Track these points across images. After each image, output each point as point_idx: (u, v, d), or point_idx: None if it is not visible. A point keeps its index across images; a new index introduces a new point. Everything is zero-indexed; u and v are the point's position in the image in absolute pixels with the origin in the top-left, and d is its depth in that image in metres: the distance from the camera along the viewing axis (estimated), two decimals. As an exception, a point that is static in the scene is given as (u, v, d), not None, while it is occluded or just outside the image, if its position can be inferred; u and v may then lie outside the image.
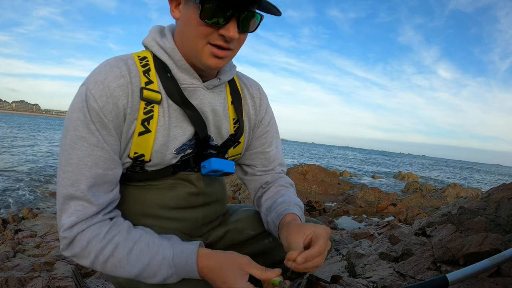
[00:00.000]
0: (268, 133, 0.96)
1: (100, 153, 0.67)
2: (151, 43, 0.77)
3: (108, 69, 0.69)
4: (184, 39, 0.73)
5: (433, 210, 5.34)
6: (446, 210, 2.32)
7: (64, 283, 1.42)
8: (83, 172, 0.66)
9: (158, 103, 0.73)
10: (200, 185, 0.85)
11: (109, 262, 0.67)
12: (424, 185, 9.62)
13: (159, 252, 0.68)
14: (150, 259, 0.67)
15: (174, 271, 0.67)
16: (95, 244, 0.66)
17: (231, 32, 0.67)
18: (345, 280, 1.52)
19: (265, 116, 0.95)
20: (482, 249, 1.44)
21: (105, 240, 0.67)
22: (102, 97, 0.67)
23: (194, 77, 0.77)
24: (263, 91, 0.97)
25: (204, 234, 0.94)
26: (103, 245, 0.66)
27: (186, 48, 0.74)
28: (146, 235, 0.71)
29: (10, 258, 1.87)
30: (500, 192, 1.93)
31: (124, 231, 0.70)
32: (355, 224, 3.99)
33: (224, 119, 0.84)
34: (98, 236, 0.67)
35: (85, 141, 0.66)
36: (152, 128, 0.73)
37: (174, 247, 0.69)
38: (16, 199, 5.59)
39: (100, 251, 0.66)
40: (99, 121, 0.67)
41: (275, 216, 0.84)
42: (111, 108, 0.68)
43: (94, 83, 0.67)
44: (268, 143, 0.96)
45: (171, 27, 0.81)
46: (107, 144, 0.68)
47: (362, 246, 2.22)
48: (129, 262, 0.67)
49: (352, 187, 7.79)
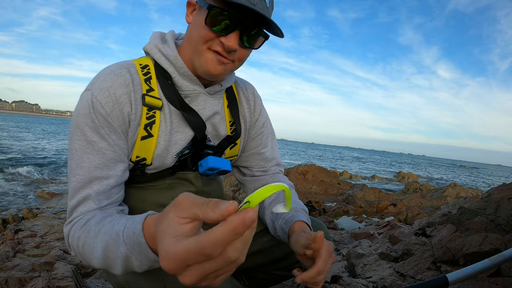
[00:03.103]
0: (263, 134, 0.98)
1: (112, 156, 0.69)
2: (153, 50, 0.78)
3: (113, 77, 0.71)
4: (190, 42, 0.74)
5: (433, 210, 5.34)
6: (446, 210, 2.32)
7: (64, 283, 1.42)
8: (95, 174, 0.66)
9: (159, 109, 0.75)
10: (198, 183, 0.87)
11: (84, 249, 0.61)
12: (424, 185, 9.62)
13: (114, 227, 0.57)
14: (108, 238, 0.56)
15: (128, 249, 0.52)
16: (75, 233, 0.64)
17: (230, 42, 0.68)
18: (345, 280, 1.52)
19: (259, 118, 0.97)
20: (482, 249, 1.44)
21: (83, 228, 0.64)
22: (108, 104, 0.68)
23: (196, 84, 0.79)
24: (257, 93, 0.99)
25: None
26: (80, 233, 0.63)
27: (190, 52, 0.75)
28: (116, 215, 0.64)
29: (10, 258, 1.86)
30: (500, 192, 1.93)
31: (99, 216, 0.64)
32: (355, 224, 3.99)
33: (221, 122, 0.86)
34: (79, 225, 0.65)
35: (95, 145, 0.67)
36: (154, 133, 0.75)
37: (127, 220, 0.56)
38: (16, 199, 5.59)
39: (78, 239, 0.63)
40: (108, 126, 0.68)
41: (284, 223, 0.84)
42: (117, 114, 0.69)
43: (100, 89, 0.69)
44: (263, 144, 0.97)
45: (172, 34, 0.83)
46: (118, 147, 0.70)
47: (362, 246, 2.22)
48: (95, 246, 0.59)
49: (352, 187, 7.79)
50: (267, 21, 0.69)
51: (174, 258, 0.36)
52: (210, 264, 0.37)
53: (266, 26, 0.72)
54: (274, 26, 0.70)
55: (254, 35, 0.72)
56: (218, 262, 0.36)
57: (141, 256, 0.51)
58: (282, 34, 0.73)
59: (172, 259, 0.37)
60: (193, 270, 0.37)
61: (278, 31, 0.72)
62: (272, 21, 0.69)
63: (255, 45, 0.74)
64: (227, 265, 0.37)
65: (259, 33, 0.72)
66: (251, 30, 0.70)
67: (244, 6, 0.64)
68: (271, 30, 0.73)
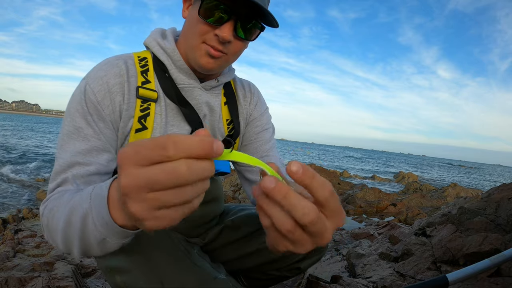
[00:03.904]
0: (264, 136, 0.94)
1: (96, 144, 0.68)
2: (152, 43, 0.78)
3: (109, 67, 0.71)
4: (185, 36, 0.74)
5: (433, 210, 5.34)
6: (446, 210, 2.32)
7: (64, 283, 1.42)
8: (76, 160, 0.65)
9: (154, 101, 0.75)
10: None
11: (53, 221, 0.56)
12: (424, 185, 9.62)
13: (88, 188, 0.51)
14: (78, 199, 0.51)
15: (90, 204, 0.47)
16: (48, 205, 0.60)
17: (224, 33, 0.68)
18: (345, 280, 1.52)
19: (253, 113, 0.94)
20: (482, 249, 1.44)
21: (57, 199, 0.59)
22: (100, 92, 0.69)
23: (192, 78, 0.78)
24: (255, 89, 0.97)
25: (201, 235, 0.94)
26: (53, 204, 0.59)
27: (185, 47, 0.75)
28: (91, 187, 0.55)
29: (10, 258, 1.87)
30: (500, 192, 1.93)
31: (75, 190, 0.60)
32: (355, 224, 3.99)
33: (218, 120, 0.85)
34: (54, 198, 0.61)
35: (81, 132, 0.67)
36: (149, 125, 0.74)
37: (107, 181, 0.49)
38: (16, 199, 5.59)
39: (50, 210, 0.57)
40: (97, 113, 0.68)
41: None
42: (108, 103, 0.70)
43: (94, 78, 0.70)
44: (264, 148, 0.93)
45: (172, 30, 0.83)
46: (104, 136, 0.69)
47: (362, 246, 2.22)
48: (63, 211, 0.53)
49: (352, 187, 7.79)
50: (262, 11, 0.67)
51: (124, 155, 0.31)
52: (158, 172, 0.30)
53: (261, 17, 0.70)
54: (269, 16, 0.69)
55: (250, 26, 0.70)
56: (167, 172, 0.30)
57: (97, 213, 0.45)
58: (277, 24, 0.72)
59: (122, 156, 0.31)
60: (141, 179, 0.30)
61: (273, 22, 0.71)
62: (268, 11, 0.67)
63: (251, 36, 0.73)
64: (176, 184, 0.31)
65: (254, 24, 0.71)
66: (246, 21, 0.69)
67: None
68: (266, 21, 0.72)
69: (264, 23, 0.72)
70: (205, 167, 0.32)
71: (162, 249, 0.76)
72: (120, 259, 0.74)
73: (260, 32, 0.74)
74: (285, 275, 1.05)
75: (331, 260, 2.11)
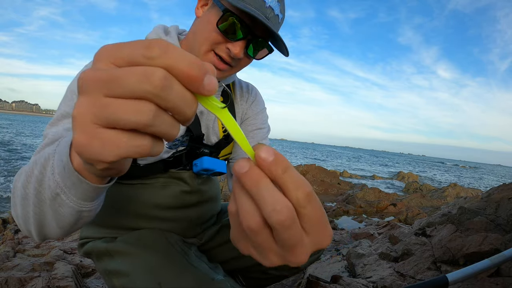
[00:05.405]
0: (257, 135, 0.95)
1: None
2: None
3: None
4: (195, 37, 0.74)
5: (433, 210, 5.34)
6: (446, 210, 2.32)
7: (64, 283, 1.42)
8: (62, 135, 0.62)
9: None
10: (193, 183, 0.86)
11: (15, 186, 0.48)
12: (424, 185, 9.62)
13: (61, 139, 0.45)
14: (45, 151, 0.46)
15: (54, 150, 0.42)
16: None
17: (237, 49, 0.69)
18: (345, 280, 1.52)
19: (251, 107, 0.94)
20: (482, 249, 1.44)
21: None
22: None
23: None
24: (254, 89, 0.97)
25: (199, 235, 0.94)
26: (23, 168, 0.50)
27: (192, 45, 0.75)
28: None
29: (10, 258, 1.86)
30: (500, 192, 1.93)
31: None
32: (355, 224, 3.99)
33: (214, 120, 0.85)
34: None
35: (69, 118, 0.65)
36: None
37: None
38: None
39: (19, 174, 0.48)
40: None
41: None
42: None
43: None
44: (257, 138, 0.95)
45: (176, 28, 0.83)
46: None
47: (362, 246, 2.22)
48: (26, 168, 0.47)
49: (352, 187, 7.79)
50: (275, 37, 0.70)
51: (102, 49, 0.25)
52: (127, 71, 0.24)
53: (273, 40, 0.73)
54: (281, 42, 0.71)
55: (260, 46, 0.73)
56: (137, 73, 0.23)
57: (58, 157, 0.40)
58: (287, 53, 0.74)
59: (100, 50, 0.25)
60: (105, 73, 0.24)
61: (284, 48, 0.73)
62: (280, 38, 0.70)
63: (259, 56, 0.75)
64: (141, 93, 0.24)
65: (265, 46, 0.73)
66: (258, 41, 0.71)
67: (258, 19, 0.65)
68: (277, 45, 0.74)
69: (274, 46, 0.74)
70: (183, 96, 0.25)
71: (159, 251, 0.76)
72: (117, 262, 0.74)
73: (268, 54, 0.76)
74: (284, 274, 1.05)
75: (331, 260, 2.11)
